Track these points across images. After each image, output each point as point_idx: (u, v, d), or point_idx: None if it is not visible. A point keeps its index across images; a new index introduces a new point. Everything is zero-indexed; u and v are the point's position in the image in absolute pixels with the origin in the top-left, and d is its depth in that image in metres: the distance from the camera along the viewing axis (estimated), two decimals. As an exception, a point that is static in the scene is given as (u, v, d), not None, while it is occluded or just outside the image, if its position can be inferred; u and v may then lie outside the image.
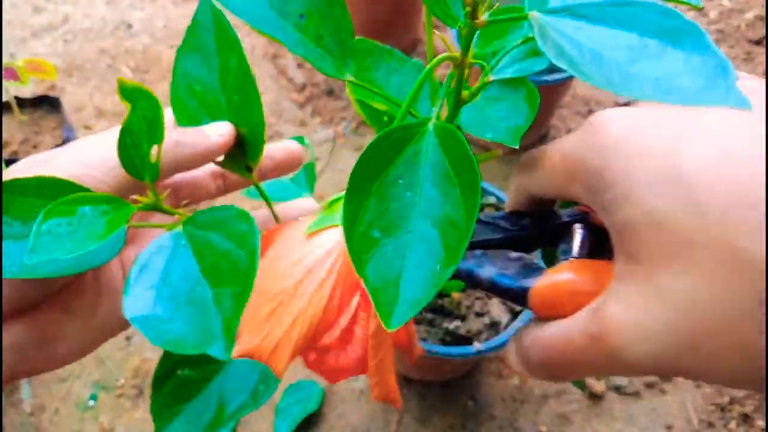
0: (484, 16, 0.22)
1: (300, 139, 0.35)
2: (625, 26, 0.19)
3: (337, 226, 0.24)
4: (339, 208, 0.24)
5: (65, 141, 0.79)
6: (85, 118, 1.00)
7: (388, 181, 0.21)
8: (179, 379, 0.31)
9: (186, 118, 0.28)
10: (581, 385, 0.46)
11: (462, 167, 0.21)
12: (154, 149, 0.23)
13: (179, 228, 0.23)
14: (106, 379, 0.78)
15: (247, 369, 0.32)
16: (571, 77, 0.83)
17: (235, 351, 0.23)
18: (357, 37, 0.32)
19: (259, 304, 0.23)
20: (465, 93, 0.26)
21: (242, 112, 0.27)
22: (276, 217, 0.31)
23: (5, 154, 0.77)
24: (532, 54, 0.28)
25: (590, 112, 1.04)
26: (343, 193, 0.21)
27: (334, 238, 0.24)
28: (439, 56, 0.25)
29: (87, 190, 0.22)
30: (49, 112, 0.82)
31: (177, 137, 0.25)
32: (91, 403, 0.76)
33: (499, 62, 0.28)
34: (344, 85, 1.05)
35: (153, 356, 0.79)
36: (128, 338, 0.80)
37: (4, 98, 0.80)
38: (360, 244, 0.20)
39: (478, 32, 0.23)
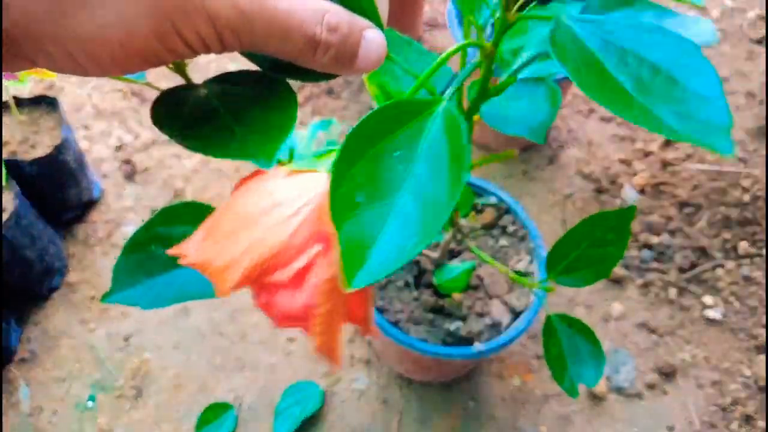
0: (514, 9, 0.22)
1: (327, 123, 0.35)
2: (644, 51, 0.19)
3: (318, 172, 0.24)
4: (327, 159, 0.25)
5: (64, 141, 0.79)
6: (84, 117, 1.00)
7: (384, 150, 0.22)
8: (150, 253, 0.32)
9: None
10: (573, 391, 0.46)
11: (457, 154, 0.21)
12: None
13: None
14: (105, 379, 0.77)
15: None
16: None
17: (187, 259, 0.23)
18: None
19: (223, 222, 0.23)
20: (491, 86, 0.26)
21: None
22: None
23: (4, 154, 0.77)
24: (548, 56, 0.29)
25: (591, 111, 1.04)
26: (337, 147, 0.22)
27: (311, 183, 0.24)
28: (465, 42, 0.25)
29: None
30: (47, 112, 0.82)
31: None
32: (90, 403, 0.76)
33: (520, 61, 0.29)
34: (344, 84, 1.04)
35: (152, 357, 0.79)
36: (127, 339, 0.80)
37: (3, 98, 0.80)
38: (342, 201, 0.21)
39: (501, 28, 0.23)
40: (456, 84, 0.25)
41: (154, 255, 0.31)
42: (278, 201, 0.23)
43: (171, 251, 0.24)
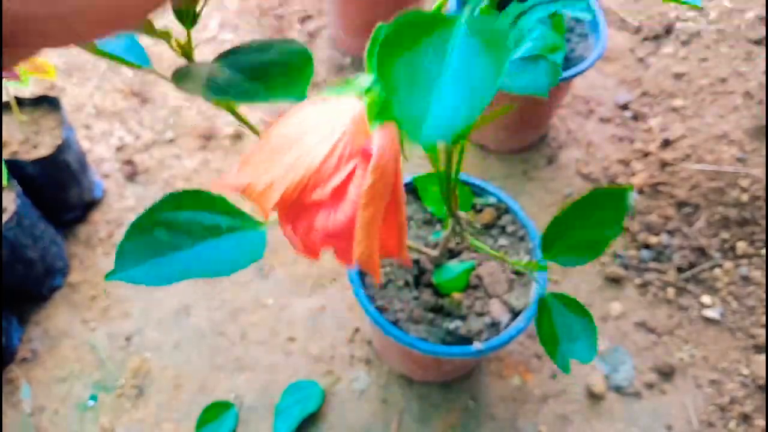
0: None
1: None
2: None
3: (348, 96, 0.25)
4: (354, 83, 0.25)
5: (65, 141, 0.79)
6: (85, 117, 1.00)
7: (414, 53, 0.21)
8: (154, 237, 0.32)
9: None
10: (566, 368, 0.46)
11: (493, 42, 0.21)
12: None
13: None
14: (106, 379, 0.78)
15: (215, 250, 0.32)
16: (571, 77, 0.83)
17: (230, 185, 0.24)
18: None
19: (261, 150, 0.24)
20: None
21: None
22: None
23: (5, 154, 0.77)
24: (547, 51, 0.29)
25: (590, 112, 1.04)
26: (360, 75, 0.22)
27: (343, 106, 0.24)
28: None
29: None
30: (48, 112, 0.82)
31: None
32: (91, 403, 0.76)
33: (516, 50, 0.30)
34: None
35: (153, 356, 0.79)
36: (128, 338, 0.80)
37: (4, 98, 0.80)
38: (391, 84, 0.20)
39: None
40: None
41: (157, 238, 0.32)
42: (313, 124, 0.24)
43: (214, 185, 0.25)
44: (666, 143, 0.99)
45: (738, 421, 0.76)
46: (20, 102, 0.82)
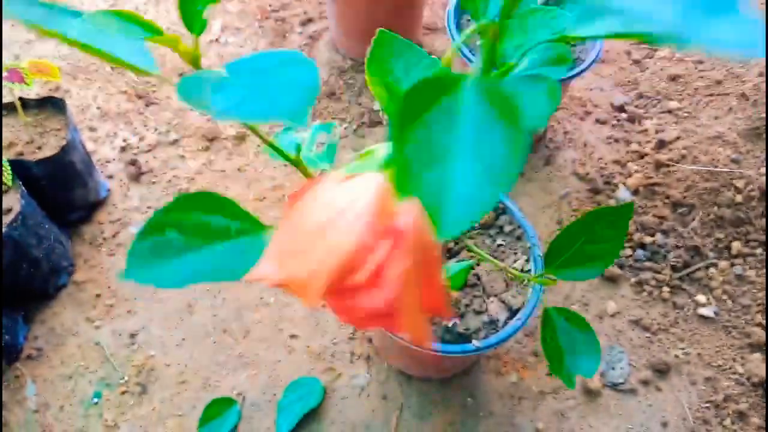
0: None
1: (329, 126, 0.37)
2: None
3: (368, 172, 0.25)
4: (374, 156, 0.25)
5: (70, 142, 0.81)
6: (90, 119, 1.02)
7: (426, 123, 0.21)
8: (165, 238, 0.32)
9: None
10: (570, 383, 0.47)
11: (506, 112, 0.21)
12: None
13: None
14: (111, 376, 0.79)
15: (227, 253, 0.33)
16: (568, 79, 0.85)
17: (269, 280, 0.24)
18: (379, 29, 0.34)
19: (293, 240, 0.24)
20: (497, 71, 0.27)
21: None
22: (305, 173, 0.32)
23: (10, 155, 0.78)
24: (553, 62, 0.30)
25: (587, 113, 1.05)
26: (377, 145, 0.22)
27: (367, 183, 0.24)
28: (475, 27, 0.25)
29: None
30: (53, 114, 0.83)
31: None
32: (96, 400, 0.77)
33: (522, 61, 0.30)
34: (345, 87, 1.06)
35: (157, 354, 0.81)
36: (132, 336, 0.82)
37: (9, 100, 0.81)
38: (404, 173, 0.20)
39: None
40: (483, 58, 0.25)
41: (168, 239, 0.32)
42: (340, 207, 0.24)
43: (249, 277, 0.25)
44: (661, 144, 1.00)
45: (733, 419, 0.77)
46: (25, 103, 0.83)
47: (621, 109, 1.06)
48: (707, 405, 0.78)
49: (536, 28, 0.33)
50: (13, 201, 0.75)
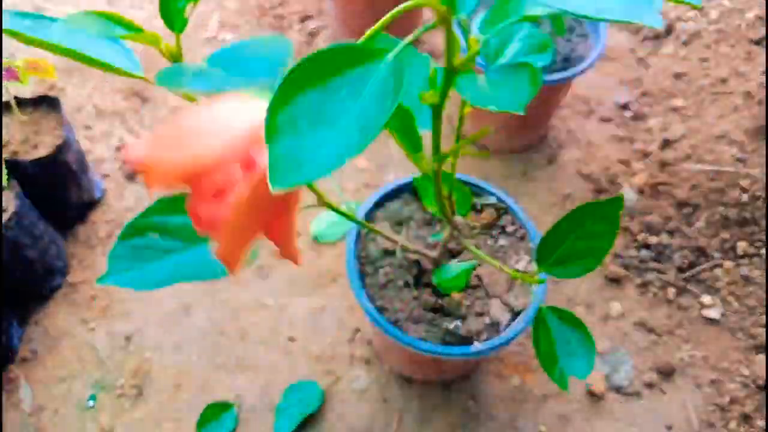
0: None
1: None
2: None
3: (264, 100, 0.26)
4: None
5: (65, 141, 0.79)
6: (85, 118, 1.00)
7: (332, 84, 0.23)
8: (147, 240, 0.33)
9: None
10: (563, 384, 0.46)
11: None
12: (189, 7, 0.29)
13: None
14: (106, 379, 0.78)
15: (207, 254, 0.34)
16: (571, 77, 0.83)
17: (134, 156, 0.25)
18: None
19: (171, 134, 0.25)
20: (456, 60, 0.28)
21: None
22: None
23: (5, 154, 0.77)
24: (535, 50, 0.29)
25: (590, 112, 1.04)
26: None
27: (256, 109, 0.26)
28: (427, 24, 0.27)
29: None
30: (48, 112, 0.82)
31: None
32: (91, 403, 0.76)
33: (504, 51, 0.30)
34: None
35: (153, 356, 0.79)
36: (128, 338, 0.80)
37: (4, 98, 0.80)
38: (281, 124, 0.22)
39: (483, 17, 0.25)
40: (411, 38, 0.26)
41: (149, 242, 0.32)
42: (223, 120, 0.25)
43: (125, 156, 0.26)
44: (666, 143, 0.99)
45: (738, 422, 0.76)
46: (20, 102, 0.82)
47: (625, 107, 1.04)
48: (712, 408, 0.77)
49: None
50: (8, 201, 0.74)
